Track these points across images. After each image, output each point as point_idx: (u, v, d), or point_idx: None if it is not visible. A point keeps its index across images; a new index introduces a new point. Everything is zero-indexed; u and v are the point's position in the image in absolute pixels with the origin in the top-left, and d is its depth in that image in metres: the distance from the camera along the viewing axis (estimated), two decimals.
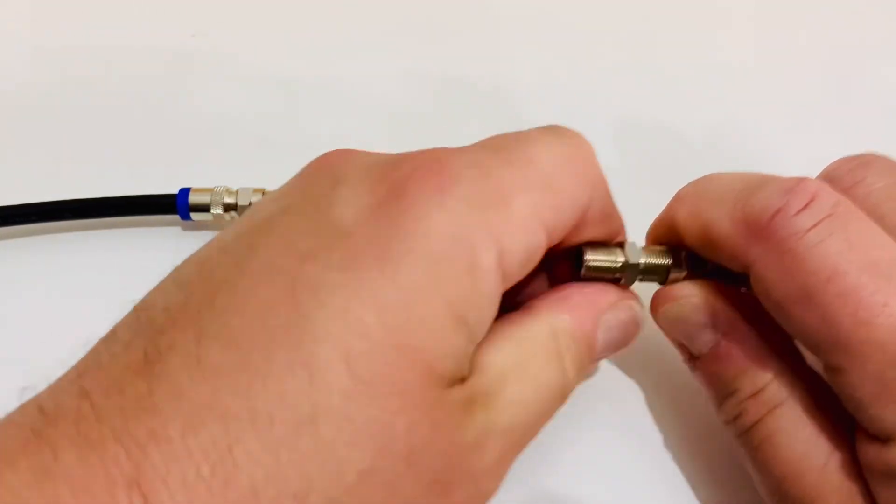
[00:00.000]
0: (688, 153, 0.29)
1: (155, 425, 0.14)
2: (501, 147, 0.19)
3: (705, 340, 0.21)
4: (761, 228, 0.18)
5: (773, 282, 0.18)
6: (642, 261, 0.21)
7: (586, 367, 0.20)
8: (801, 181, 0.18)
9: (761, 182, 0.19)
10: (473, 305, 0.17)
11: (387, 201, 0.17)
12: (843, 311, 0.17)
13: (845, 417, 0.18)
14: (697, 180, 0.22)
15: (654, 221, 0.23)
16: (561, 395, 0.19)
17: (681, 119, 0.32)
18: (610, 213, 0.20)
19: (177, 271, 0.17)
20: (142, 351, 0.15)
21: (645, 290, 0.22)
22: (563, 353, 0.19)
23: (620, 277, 0.21)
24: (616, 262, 0.21)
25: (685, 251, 0.21)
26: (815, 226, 0.18)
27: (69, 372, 0.16)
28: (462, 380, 0.17)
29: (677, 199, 0.22)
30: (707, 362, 0.21)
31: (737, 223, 0.19)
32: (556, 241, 0.19)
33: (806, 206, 0.18)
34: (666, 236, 0.22)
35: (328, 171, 0.18)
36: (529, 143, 0.19)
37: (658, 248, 0.22)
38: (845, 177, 0.20)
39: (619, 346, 0.21)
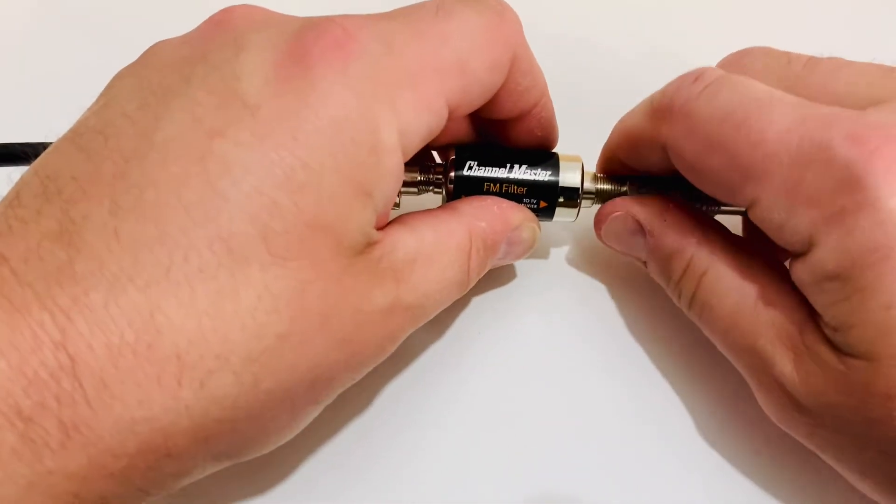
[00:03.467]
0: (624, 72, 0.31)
1: (77, 293, 0.15)
2: (416, 17, 0.19)
3: (641, 244, 0.24)
4: (665, 108, 0.21)
5: (683, 145, 0.20)
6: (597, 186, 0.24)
7: (483, 270, 0.23)
8: (692, 70, 0.21)
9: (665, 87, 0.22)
10: (378, 182, 0.18)
11: (292, 75, 0.17)
12: (741, 140, 0.19)
13: (767, 270, 0.21)
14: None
15: (599, 156, 0.25)
16: (458, 289, 0.21)
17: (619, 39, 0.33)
18: (530, 85, 0.21)
19: (76, 135, 0.17)
20: (55, 220, 0.15)
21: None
22: (472, 252, 0.21)
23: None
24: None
25: (628, 178, 0.24)
26: (705, 88, 0.20)
27: None
28: (368, 244, 0.18)
29: (611, 133, 0.24)
30: (650, 261, 0.24)
31: (649, 117, 0.21)
32: (460, 117, 0.20)
33: (696, 79, 0.20)
34: (612, 166, 0.24)
35: (230, 32, 0.18)
36: (447, 17, 0.19)
37: (604, 176, 0.25)
38: (730, 66, 0.23)
39: (513, 258, 0.24)
